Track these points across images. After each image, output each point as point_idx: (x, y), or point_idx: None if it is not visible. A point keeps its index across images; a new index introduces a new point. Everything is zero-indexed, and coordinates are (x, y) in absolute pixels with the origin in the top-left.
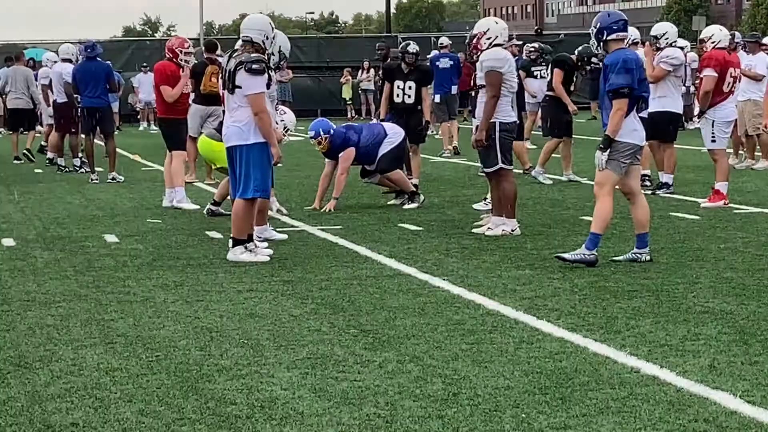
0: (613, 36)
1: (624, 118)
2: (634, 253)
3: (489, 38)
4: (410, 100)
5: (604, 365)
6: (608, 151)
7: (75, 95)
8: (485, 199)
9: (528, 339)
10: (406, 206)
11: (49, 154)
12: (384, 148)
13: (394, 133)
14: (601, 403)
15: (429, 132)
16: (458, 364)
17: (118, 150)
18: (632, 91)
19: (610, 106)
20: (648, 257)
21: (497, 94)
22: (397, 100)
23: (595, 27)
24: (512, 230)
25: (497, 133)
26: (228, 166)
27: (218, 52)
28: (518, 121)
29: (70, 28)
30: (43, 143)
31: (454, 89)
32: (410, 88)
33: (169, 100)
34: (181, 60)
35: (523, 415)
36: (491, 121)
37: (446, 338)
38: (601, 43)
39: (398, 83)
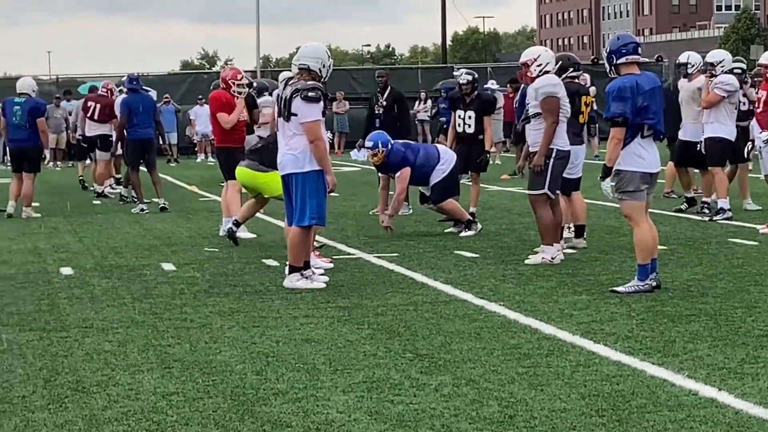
0: (623, 60)
1: (619, 146)
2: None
3: (540, 65)
4: (470, 130)
5: (661, 388)
6: (608, 179)
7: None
8: (569, 227)
9: (585, 362)
10: (462, 234)
11: (98, 188)
12: (436, 177)
13: (446, 159)
14: (659, 425)
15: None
16: (514, 387)
17: (175, 182)
18: (626, 119)
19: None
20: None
21: (557, 120)
22: (459, 129)
23: (606, 51)
24: (552, 258)
25: (552, 160)
26: (283, 194)
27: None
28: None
29: (129, 62)
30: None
31: None
32: (470, 117)
33: (226, 126)
34: (233, 91)
35: None
36: (549, 147)
37: (502, 362)
38: (613, 67)
39: (459, 112)
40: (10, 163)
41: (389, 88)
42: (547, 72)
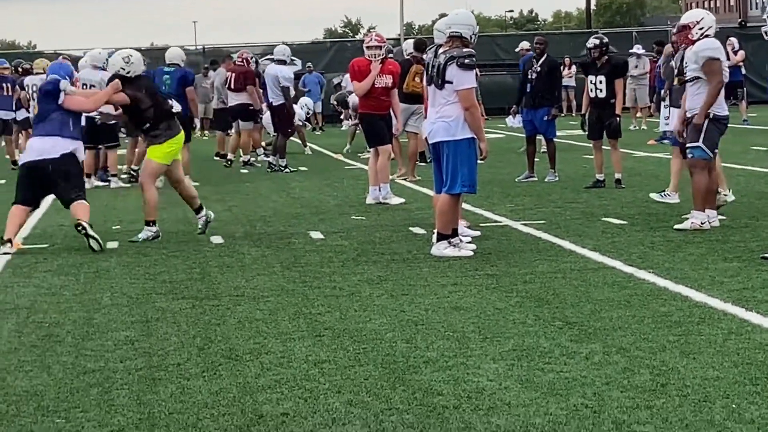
0: None
1: None
2: None
3: (701, 28)
4: (602, 94)
5: None
6: None
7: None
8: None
9: (737, 330)
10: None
11: (244, 157)
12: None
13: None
14: None
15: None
16: (666, 355)
17: (321, 150)
18: None
19: None
20: None
21: (722, 80)
22: (591, 94)
23: None
24: (701, 223)
25: (706, 121)
26: (433, 162)
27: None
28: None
29: (274, 30)
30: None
31: None
32: (600, 82)
33: (358, 93)
34: (367, 56)
35: (734, 406)
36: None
37: (653, 330)
38: None
39: (591, 77)
40: None
41: (545, 55)
42: (708, 36)
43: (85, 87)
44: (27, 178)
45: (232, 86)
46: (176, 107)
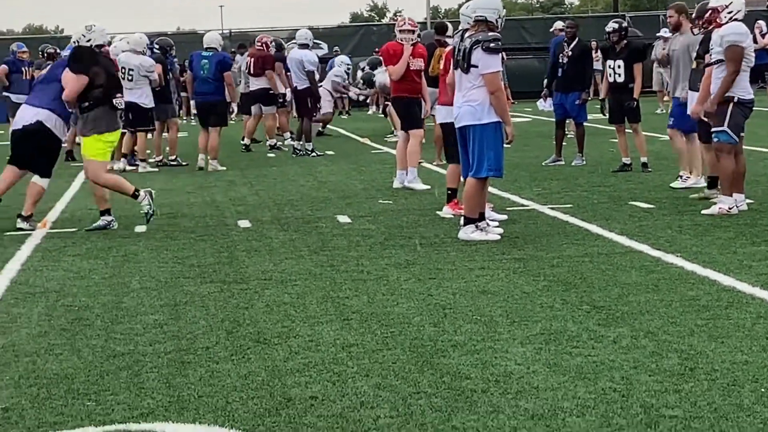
0: None
1: None
2: None
3: (730, 12)
4: (620, 79)
5: None
6: None
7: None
8: None
9: (766, 314)
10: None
11: (270, 141)
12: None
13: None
14: None
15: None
16: (694, 339)
17: (348, 134)
18: None
19: None
20: None
21: (737, 70)
22: (610, 79)
23: None
24: (729, 208)
25: (731, 105)
26: (460, 146)
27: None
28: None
29: (300, 15)
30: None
31: None
32: (619, 66)
33: (393, 77)
34: (398, 39)
35: (763, 390)
36: (730, 95)
37: (681, 314)
38: None
39: (609, 62)
40: (197, 117)
41: (577, 39)
42: (736, 20)
43: (123, 70)
44: (17, 141)
45: (252, 71)
46: (119, 102)
